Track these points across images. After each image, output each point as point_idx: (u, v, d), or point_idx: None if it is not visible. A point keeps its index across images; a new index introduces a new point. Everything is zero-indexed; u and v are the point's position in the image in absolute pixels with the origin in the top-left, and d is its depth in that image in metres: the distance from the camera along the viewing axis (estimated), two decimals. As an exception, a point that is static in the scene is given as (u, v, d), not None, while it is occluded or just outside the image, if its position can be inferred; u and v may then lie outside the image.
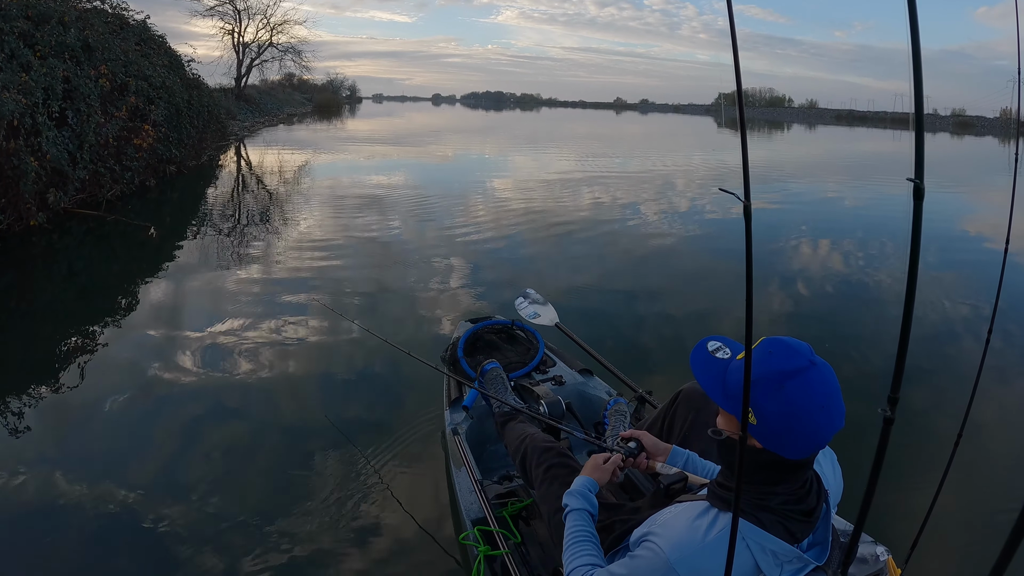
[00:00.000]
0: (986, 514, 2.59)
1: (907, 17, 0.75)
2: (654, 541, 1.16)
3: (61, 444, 3.02)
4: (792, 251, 7.35)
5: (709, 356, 1.22)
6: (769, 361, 1.10)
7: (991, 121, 63.62)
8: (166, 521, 2.48)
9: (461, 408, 2.55)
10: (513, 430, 2.16)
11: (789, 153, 24.42)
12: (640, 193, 11.66)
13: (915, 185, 0.80)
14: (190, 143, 12.15)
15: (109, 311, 4.95)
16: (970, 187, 14.55)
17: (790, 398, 1.07)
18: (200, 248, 6.92)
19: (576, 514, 1.47)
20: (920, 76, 0.77)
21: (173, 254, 6.58)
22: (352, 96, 70.67)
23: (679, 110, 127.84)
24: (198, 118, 13.00)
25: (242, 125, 24.20)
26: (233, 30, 32.03)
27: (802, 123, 61.93)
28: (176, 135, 11.13)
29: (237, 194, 10.83)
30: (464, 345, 2.88)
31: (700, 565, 1.10)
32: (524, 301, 3.22)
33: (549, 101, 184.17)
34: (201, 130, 13.35)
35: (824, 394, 1.08)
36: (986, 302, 5.40)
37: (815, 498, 1.16)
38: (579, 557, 1.38)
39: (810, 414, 1.07)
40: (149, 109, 10.10)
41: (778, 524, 1.12)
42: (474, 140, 26.34)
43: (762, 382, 1.08)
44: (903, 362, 0.92)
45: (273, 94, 38.03)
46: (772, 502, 1.12)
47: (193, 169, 12.20)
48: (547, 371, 2.81)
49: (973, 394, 1.61)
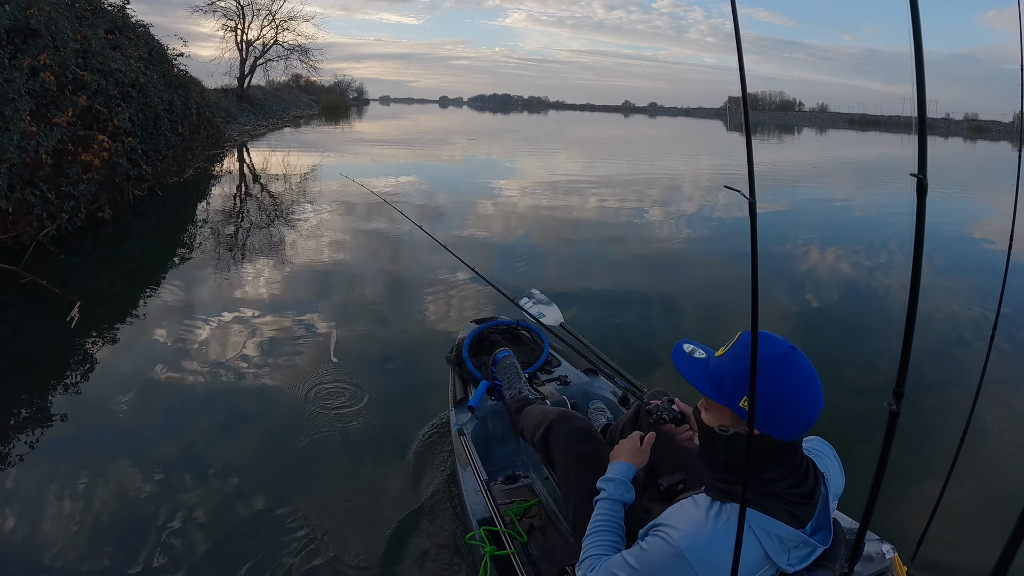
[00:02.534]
0: (993, 511, 2.57)
1: (908, 12, 0.76)
2: (664, 531, 1.19)
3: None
4: (798, 252, 7.38)
5: (688, 356, 1.28)
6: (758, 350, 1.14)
7: (1007, 126, 63.09)
8: (164, 516, 2.51)
9: (467, 408, 2.55)
10: (532, 410, 2.17)
11: (797, 157, 24.32)
12: (648, 195, 11.61)
13: (918, 180, 0.82)
14: (171, 154, 9.93)
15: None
16: (980, 191, 14.47)
17: (781, 380, 1.13)
18: (147, 347, 4.14)
19: (609, 503, 1.49)
20: (923, 74, 0.78)
21: (97, 355, 4.07)
22: (359, 98, 70.91)
23: (689, 114, 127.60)
24: (184, 123, 10.89)
25: (242, 129, 22.21)
26: (236, 27, 30.08)
27: (813, 127, 61.62)
28: (151, 145, 8.86)
29: (223, 224, 8.17)
30: (469, 346, 2.88)
31: (710, 554, 1.12)
32: (529, 301, 3.23)
33: (557, 104, 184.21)
34: (188, 138, 11.29)
35: (808, 374, 1.15)
36: (991, 302, 5.44)
37: (813, 479, 1.19)
38: (597, 546, 1.41)
39: (800, 392, 1.13)
40: (112, 113, 7.67)
41: (782, 509, 1.15)
42: (484, 143, 26.22)
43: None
44: (908, 356, 0.92)
45: (279, 95, 36.69)
46: (775, 487, 1.15)
47: (173, 187, 9.87)
48: (552, 371, 2.82)
49: (978, 392, 1.62)
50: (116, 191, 7.87)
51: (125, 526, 2.48)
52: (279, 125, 28.44)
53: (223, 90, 26.13)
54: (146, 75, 9.11)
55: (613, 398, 2.64)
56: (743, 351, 1.17)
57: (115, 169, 7.53)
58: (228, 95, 25.93)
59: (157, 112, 9.15)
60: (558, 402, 2.36)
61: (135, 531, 2.44)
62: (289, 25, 32.05)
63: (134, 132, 8.16)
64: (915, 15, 0.76)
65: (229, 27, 29.93)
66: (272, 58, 32.19)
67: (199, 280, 5.65)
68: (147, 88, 8.90)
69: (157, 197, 9.05)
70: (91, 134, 7.12)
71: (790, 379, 1.14)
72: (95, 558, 2.31)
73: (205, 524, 2.48)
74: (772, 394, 1.12)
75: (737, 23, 0.77)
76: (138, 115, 8.46)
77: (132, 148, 7.96)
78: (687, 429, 1.70)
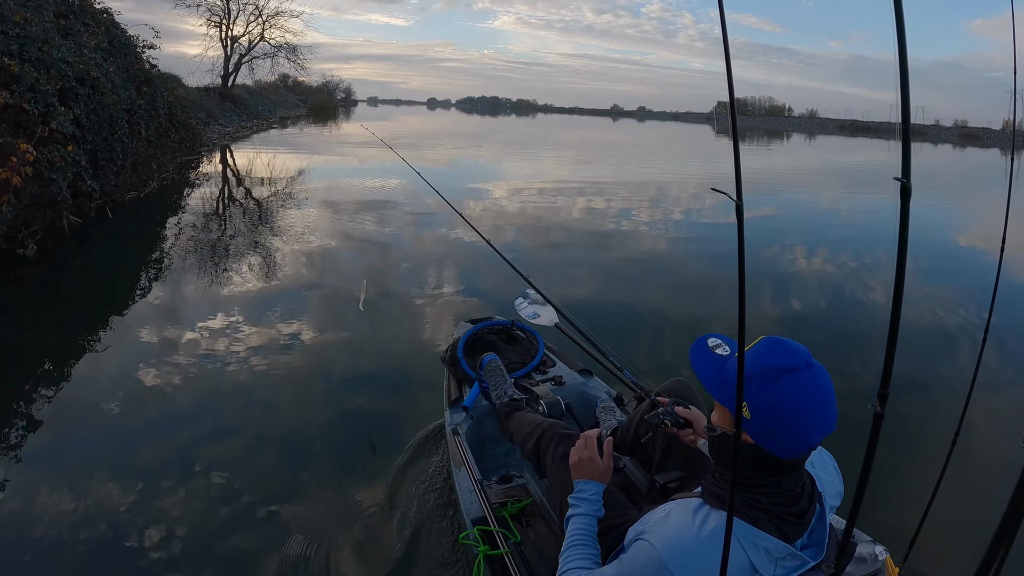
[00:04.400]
0: (984, 513, 2.53)
1: (893, 17, 0.77)
2: (647, 539, 1.17)
3: None
4: (785, 257, 7.46)
5: (709, 352, 1.24)
6: (767, 358, 1.12)
7: (997, 133, 64.21)
8: (160, 514, 2.52)
9: (461, 408, 2.57)
10: (523, 418, 2.17)
11: (786, 163, 24.55)
12: (638, 200, 11.68)
13: (902, 184, 0.82)
14: (131, 164, 8.30)
15: None
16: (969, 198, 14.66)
17: (783, 394, 1.09)
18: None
19: (584, 518, 1.48)
20: (907, 78, 0.78)
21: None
22: (347, 99, 70.70)
23: (678, 118, 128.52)
24: (149, 126, 9.30)
25: (223, 131, 20.75)
26: (221, 22, 28.49)
27: (802, 132, 62.11)
28: (106, 154, 7.29)
29: (183, 257, 6.32)
30: (464, 346, 2.89)
31: (694, 562, 1.10)
32: (524, 302, 3.24)
33: (545, 107, 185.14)
34: (155, 143, 9.74)
35: (817, 394, 1.10)
36: (982, 306, 5.51)
37: (807, 500, 1.17)
38: (573, 560, 1.39)
39: (802, 411, 1.08)
40: (50, 115, 6.09)
41: (770, 523, 1.13)
42: (472, 146, 25.94)
43: (758, 376, 1.10)
44: (892, 358, 0.92)
45: (265, 95, 35.68)
46: (763, 501, 1.13)
47: (131, 205, 8.20)
48: (547, 371, 2.84)
49: (970, 394, 1.62)
50: (49, 216, 6.12)
51: (117, 537, 2.45)
52: (264, 126, 27.21)
53: (205, 89, 24.97)
54: (101, 68, 7.69)
55: (608, 399, 2.62)
56: (756, 355, 1.13)
57: (44, 185, 5.75)
58: (210, 94, 24.69)
59: (113, 113, 7.62)
60: (552, 403, 2.35)
61: (136, 537, 2.43)
62: (276, 21, 30.89)
63: (82, 138, 6.67)
64: (899, 20, 0.77)
65: (214, 22, 28.53)
66: (258, 55, 30.84)
67: (141, 353, 3.99)
68: (100, 84, 7.40)
69: (107, 220, 7.32)
70: (13, 142, 5.37)
71: (792, 394, 1.09)
72: (88, 563, 2.30)
73: (200, 525, 2.48)
74: (768, 405, 1.09)
75: (725, 28, 0.77)
76: (88, 117, 6.94)
77: (74, 160, 6.28)
78: (690, 433, 1.70)
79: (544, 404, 2.35)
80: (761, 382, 1.10)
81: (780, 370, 1.10)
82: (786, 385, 1.09)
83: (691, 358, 1.25)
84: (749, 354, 1.14)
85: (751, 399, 1.10)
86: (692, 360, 1.24)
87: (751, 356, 1.14)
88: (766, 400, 1.09)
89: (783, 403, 1.08)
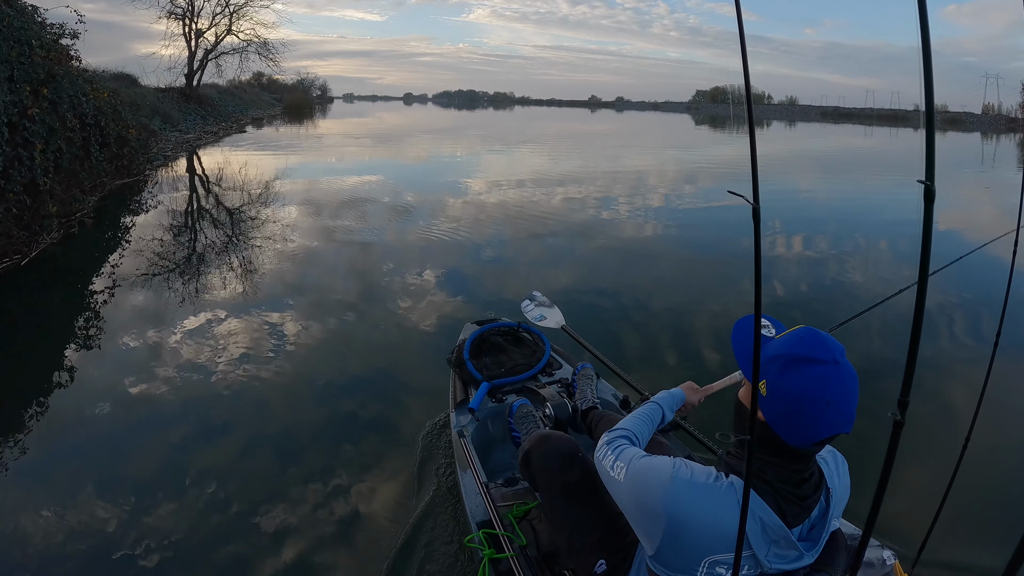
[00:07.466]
0: (995, 519, 2.55)
1: (917, 16, 0.73)
2: (676, 464, 1.23)
3: None
4: (795, 252, 7.24)
5: (751, 330, 1.25)
6: (797, 345, 1.14)
7: (979, 117, 65.57)
8: (159, 520, 2.50)
9: (467, 410, 2.55)
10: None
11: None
12: (635, 192, 11.62)
13: (926, 187, 0.79)
14: (13, 211, 5.78)
15: None
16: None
17: (801, 382, 1.10)
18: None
19: (656, 406, 1.65)
20: (931, 77, 0.75)
21: None
22: (323, 96, 69.94)
23: (657, 108, 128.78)
24: (50, 145, 6.67)
25: (183, 138, 18.05)
26: (184, 15, 25.46)
27: (784, 120, 62.29)
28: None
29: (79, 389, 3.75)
30: (470, 347, 2.88)
31: (691, 498, 1.16)
32: (530, 303, 3.23)
33: (523, 99, 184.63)
34: (64, 169, 7.13)
35: (835, 391, 1.09)
36: (995, 308, 5.21)
37: (812, 488, 1.19)
38: (631, 427, 1.52)
39: (816, 404, 1.09)
40: None
41: (771, 496, 1.15)
42: (453, 140, 25.70)
43: (782, 359, 1.13)
44: (913, 365, 0.90)
45: (237, 94, 33.52)
46: (769, 474, 1.16)
47: (14, 271, 5.42)
48: (553, 373, 2.83)
49: (981, 398, 1.61)
50: None
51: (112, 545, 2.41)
52: (233, 129, 24.57)
53: (165, 90, 22.56)
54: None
55: (615, 400, 2.64)
56: (790, 339, 1.16)
57: None
58: (170, 95, 22.19)
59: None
60: (559, 405, 2.36)
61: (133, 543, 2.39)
62: (245, 12, 27.73)
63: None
64: (923, 16, 0.74)
65: (176, 15, 25.40)
66: (227, 51, 27.74)
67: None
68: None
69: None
70: None
71: (810, 384, 1.09)
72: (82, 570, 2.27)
73: (200, 527, 2.48)
74: (783, 388, 1.11)
75: (741, 24, 0.73)
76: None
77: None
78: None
79: (551, 406, 2.35)
80: (783, 364, 1.12)
81: (805, 359, 1.11)
82: (806, 374, 1.10)
83: (733, 333, 1.28)
84: (784, 338, 1.18)
85: (770, 378, 1.13)
86: (733, 335, 1.28)
87: (785, 340, 1.17)
88: (784, 383, 1.11)
89: (798, 390, 1.10)
